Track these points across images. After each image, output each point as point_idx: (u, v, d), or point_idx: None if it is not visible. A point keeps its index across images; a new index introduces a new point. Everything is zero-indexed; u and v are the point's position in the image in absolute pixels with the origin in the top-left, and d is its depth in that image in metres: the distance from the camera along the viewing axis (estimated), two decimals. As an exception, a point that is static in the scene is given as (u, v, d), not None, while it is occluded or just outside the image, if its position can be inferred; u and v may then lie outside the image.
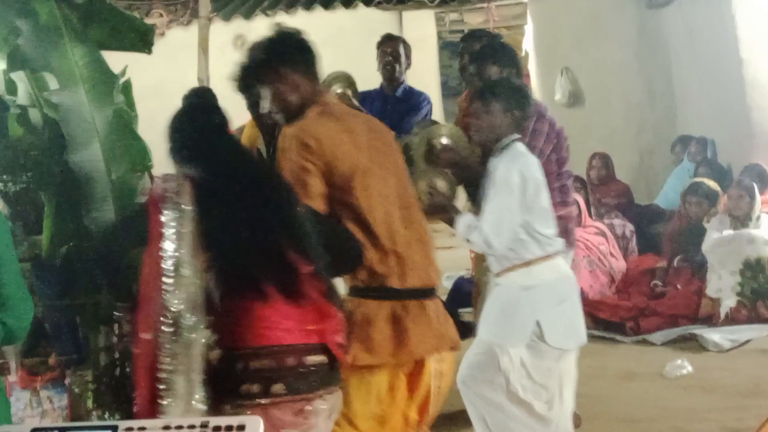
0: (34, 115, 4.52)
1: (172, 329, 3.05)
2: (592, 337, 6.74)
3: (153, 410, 3.06)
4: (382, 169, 3.68)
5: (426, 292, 3.72)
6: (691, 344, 6.71)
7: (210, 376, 3.09)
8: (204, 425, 2.10)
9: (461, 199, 4.88)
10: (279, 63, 3.64)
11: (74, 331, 4.45)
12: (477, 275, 5.41)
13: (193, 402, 3.08)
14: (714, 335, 6.70)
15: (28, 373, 4.29)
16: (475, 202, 4.53)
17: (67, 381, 4.33)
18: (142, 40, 4.88)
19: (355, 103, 5.78)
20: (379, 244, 3.58)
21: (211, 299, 3.17)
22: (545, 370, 4.31)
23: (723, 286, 7.05)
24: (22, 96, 4.55)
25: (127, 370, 4.34)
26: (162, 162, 5.26)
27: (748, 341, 6.63)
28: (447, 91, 11.68)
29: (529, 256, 4.26)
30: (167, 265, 3.10)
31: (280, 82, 3.61)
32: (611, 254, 7.76)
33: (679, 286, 7.41)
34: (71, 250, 4.45)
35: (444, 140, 4.75)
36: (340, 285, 3.92)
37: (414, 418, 3.81)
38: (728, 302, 6.99)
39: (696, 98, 9.75)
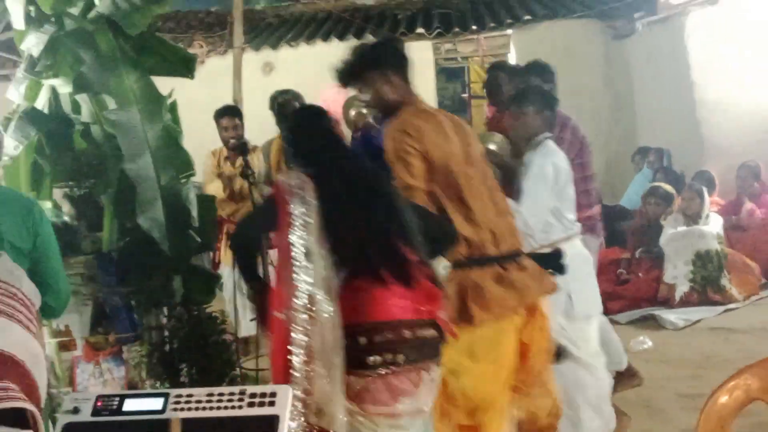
0: (96, 130, 4.55)
1: (303, 308, 3.05)
2: (567, 317, 7.07)
3: (286, 381, 3.01)
4: (468, 155, 3.67)
5: (516, 255, 3.69)
6: (651, 323, 6.75)
7: None
8: (242, 392, 2.11)
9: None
10: (386, 66, 3.61)
11: (130, 313, 4.45)
12: None
13: (337, 376, 3.04)
14: (670, 315, 6.75)
15: (91, 349, 4.29)
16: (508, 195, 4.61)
17: (124, 355, 4.34)
18: (185, 67, 4.88)
19: (370, 120, 5.85)
20: (475, 218, 3.57)
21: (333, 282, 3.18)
22: (578, 329, 4.34)
23: (678, 274, 7.09)
24: (85, 114, 4.61)
25: (175, 346, 4.40)
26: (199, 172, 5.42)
27: (699, 320, 6.66)
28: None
29: (554, 237, 4.27)
30: (297, 251, 3.11)
31: (384, 82, 3.59)
32: (584, 247, 7.89)
33: (640, 274, 7.39)
34: (127, 244, 4.48)
35: (491, 145, 4.75)
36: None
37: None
38: (682, 288, 7.02)
39: (654, 115, 9.78)
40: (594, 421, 4.39)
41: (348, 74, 3.70)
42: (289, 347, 3.00)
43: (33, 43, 4.59)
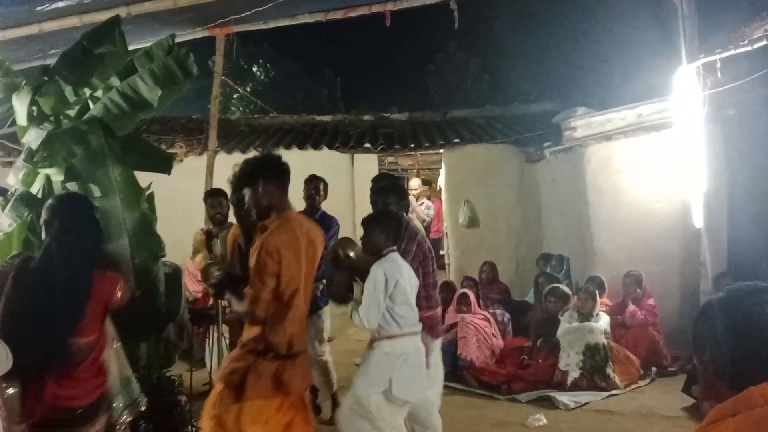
0: (82, 214, 4.48)
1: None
2: (476, 394, 6.85)
3: None
4: (307, 280, 3.67)
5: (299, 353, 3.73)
6: (547, 403, 6.63)
7: None
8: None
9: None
10: (258, 176, 3.61)
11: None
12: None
13: None
14: (563, 397, 6.67)
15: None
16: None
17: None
18: (163, 165, 4.86)
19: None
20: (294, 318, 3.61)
21: None
22: (395, 412, 4.27)
23: (570, 362, 7.02)
24: (74, 200, 4.53)
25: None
26: (171, 252, 5.26)
27: (586, 403, 6.60)
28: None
29: (391, 333, 4.25)
30: None
31: (256, 189, 3.59)
32: (493, 335, 7.69)
33: (539, 360, 7.31)
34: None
35: (350, 252, 4.71)
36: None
37: None
38: (574, 374, 6.96)
39: (556, 226, 9.86)
40: None
41: (235, 185, 3.73)
42: None
43: (33, 138, 4.54)
